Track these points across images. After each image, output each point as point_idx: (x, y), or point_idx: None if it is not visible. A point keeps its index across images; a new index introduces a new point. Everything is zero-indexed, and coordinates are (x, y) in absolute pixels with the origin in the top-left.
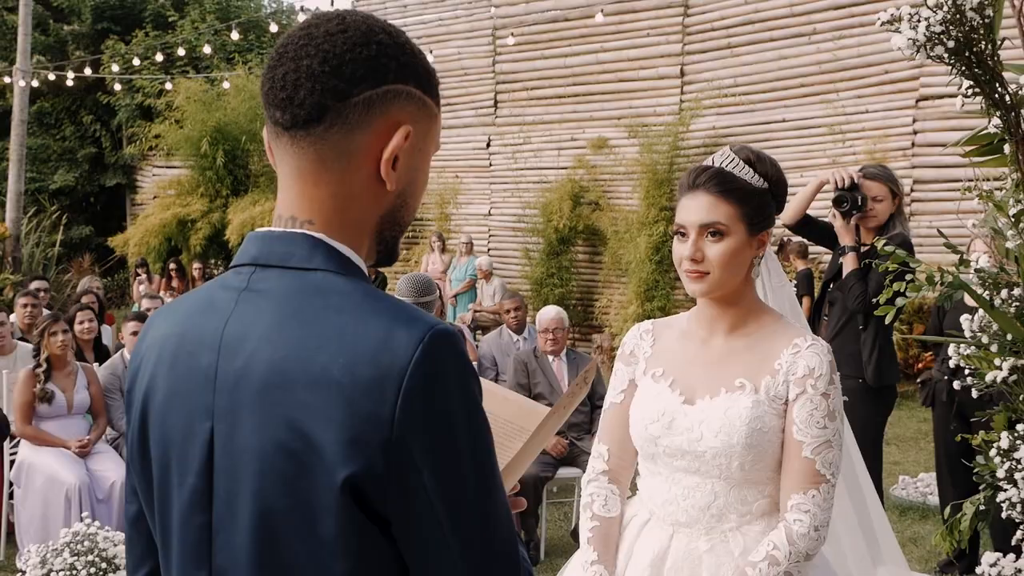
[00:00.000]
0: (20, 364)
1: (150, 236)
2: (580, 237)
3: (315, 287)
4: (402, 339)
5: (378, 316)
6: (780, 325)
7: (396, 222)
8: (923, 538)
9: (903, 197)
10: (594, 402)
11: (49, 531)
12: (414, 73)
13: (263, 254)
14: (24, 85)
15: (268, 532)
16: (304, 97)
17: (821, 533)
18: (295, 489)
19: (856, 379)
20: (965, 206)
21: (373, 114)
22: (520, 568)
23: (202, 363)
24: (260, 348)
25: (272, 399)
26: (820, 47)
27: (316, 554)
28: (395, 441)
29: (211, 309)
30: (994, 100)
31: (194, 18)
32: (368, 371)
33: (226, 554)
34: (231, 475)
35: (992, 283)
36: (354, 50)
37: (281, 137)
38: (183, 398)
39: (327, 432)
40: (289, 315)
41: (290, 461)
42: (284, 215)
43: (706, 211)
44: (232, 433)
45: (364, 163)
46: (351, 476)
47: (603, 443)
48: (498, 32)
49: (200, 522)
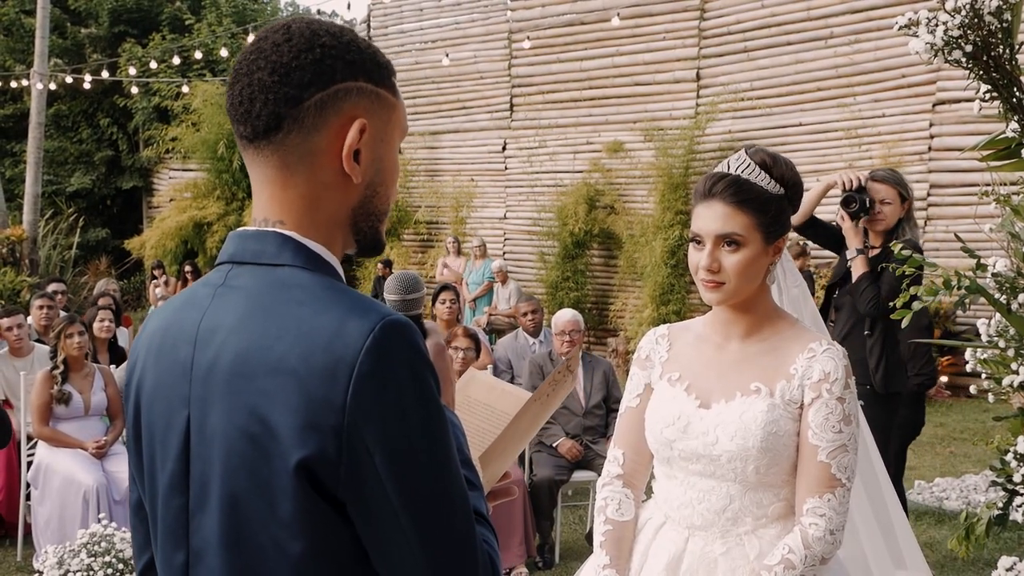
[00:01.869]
0: (37, 366)
1: (166, 239)
2: (595, 241)
3: (281, 281)
4: (354, 328)
5: (334, 307)
6: (796, 330)
7: (371, 212)
8: (939, 543)
9: (912, 201)
10: (609, 406)
11: (66, 532)
12: (363, 69)
13: (238, 252)
14: (41, 88)
15: (234, 514)
16: (260, 109)
17: (836, 537)
18: (256, 472)
19: (864, 386)
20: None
21: (327, 114)
22: (477, 550)
23: (181, 355)
24: (228, 339)
25: (236, 387)
26: (837, 51)
27: (276, 535)
28: (347, 426)
29: (192, 304)
30: (1012, 104)
31: (211, 21)
32: (322, 359)
33: (200, 536)
34: (204, 460)
35: (1009, 287)
36: (299, 56)
37: (247, 149)
38: (165, 389)
39: (283, 417)
40: (255, 308)
41: (251, 445)
42: (258, 218)
43: (722, 221)
44: (204, 420)
45: (327, 162)
46: (304, 459)
47: (618, 447)
48: (514, 36)
49: (178, 505)
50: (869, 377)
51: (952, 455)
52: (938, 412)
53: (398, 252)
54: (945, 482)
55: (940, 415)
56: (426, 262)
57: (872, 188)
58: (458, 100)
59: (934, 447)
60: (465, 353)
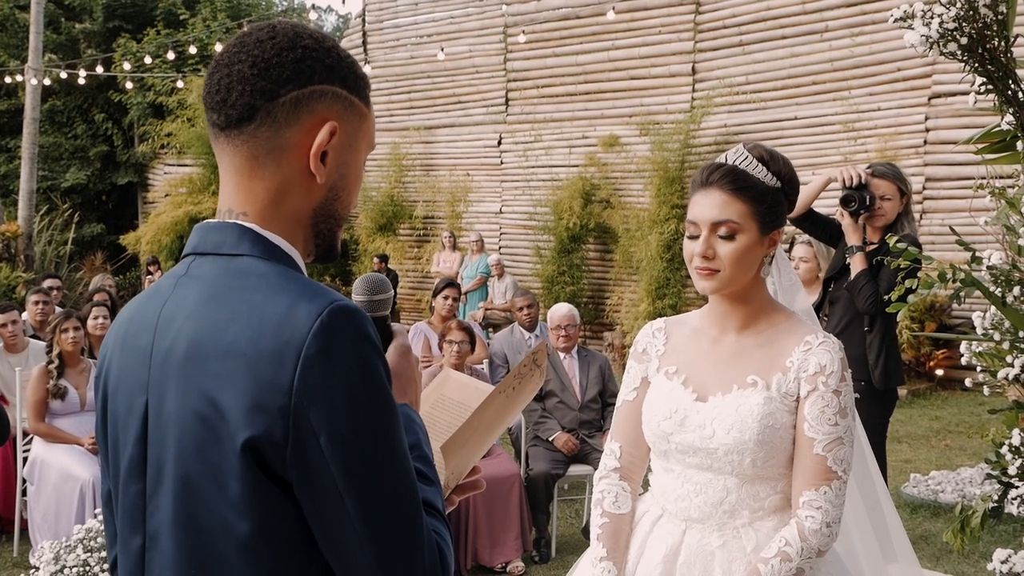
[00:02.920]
0: (32, 361)
1: (162, 234)
2: (591, 235)
3: (238, 270)
4: (303, 312)
5: (286, 292)
6: (792, 323)
7: (330, 215)
8: (935, 535)
9: (911, 196)
10: (605, 400)
11: (62, 527)
12: (340, 75)
13: (200, 243)
14: (36, 83)
15: (187, 496)
16: (236, 99)
17: (833, 529)
18: (207, 454)
19: (859, 381)
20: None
21: (300, 112)
22: (422, 538)
23: (141, 343)
24: (184, 326)
25: (190, 371)
26: (832, 44)
27: (224, 516)
28: (293, 408)
29: (155, 295)
30: (1007, 97)
31: (205, 16)
32: (271, 342)
33: (156, 519)
34: (160, 444)
35: (1004, 280)
36: (281, 54)
37: (219, 137)
38: (128, 376)
39: (232, 399)
40: (211, 296)
41: (203, 427)
42: (223, 208)
43: (718, 209)
44: (160, 405)
45: (294, 158)
46: (251, 439)
47: (615, 440)
48: (509, 30)
49: (136, 489)
50: (867, 372)
51: (948, 448)
52: (933, 405)
53: (394, 247)
54: (941, 475)
55: (935, 408)
56: (422, 257)
57: (872, 184)
58: (453, 95)
59: (929, 440)
60: (460, 347)
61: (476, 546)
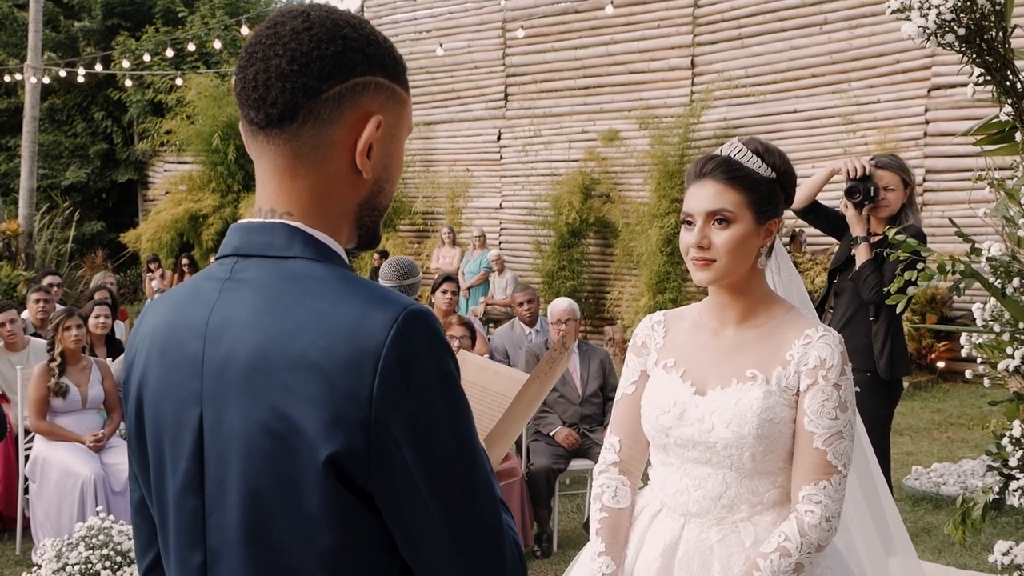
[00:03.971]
0: (33, 360)
1: (162, 232)
2: (591, 230)
3: (293, 274)
4: (377, 319)
5: (353, 298)
6: (791, 316)
7: (374, 207)
8: (936, 528)
9: (915, 187)
10: (606, 394)
11: (64, 525)
12: (381, 63)
13: (244, 245)
14: (35, 82)
15: (256, 511)
16: (276, 96)
17: (832, 524)
18: (280, 468)
19: (864, 372)
20: (977, 195)
21: (344, 107)
22: (504, 537)
23: (190, 351)
24: (242, 334)
25: (255, 383)
26: (832, 37)
27: (302, 529)
28: (374, 418)
29: (197, 299)
30: (1005, 88)
31: (204, 13)
32: (346, 352)
33: (218, 535)
34: (220, 458)
35: (1004, 271)
36: (320, 47)
37: (256, 136)
38: (174, 386)
39: (307, 412)
40: (269, 302)
41: (274, 442)
42: (264, 207)
43: (713, 198)
44: (219, 418)
45: (339, 155)
46: (333, 454)
47: (615, 434)
48: (508, 25)
49: (193, 505)
50: (872, 363)
51: (949, 440)
52: (935, 398)
53: (394, 243)
54: (942, 467)
55: (937, 401)
56: (422, 252)
57: (876, 175)
58: (453, 90)
59: (931, 432)
60: (460, 341)
61: None
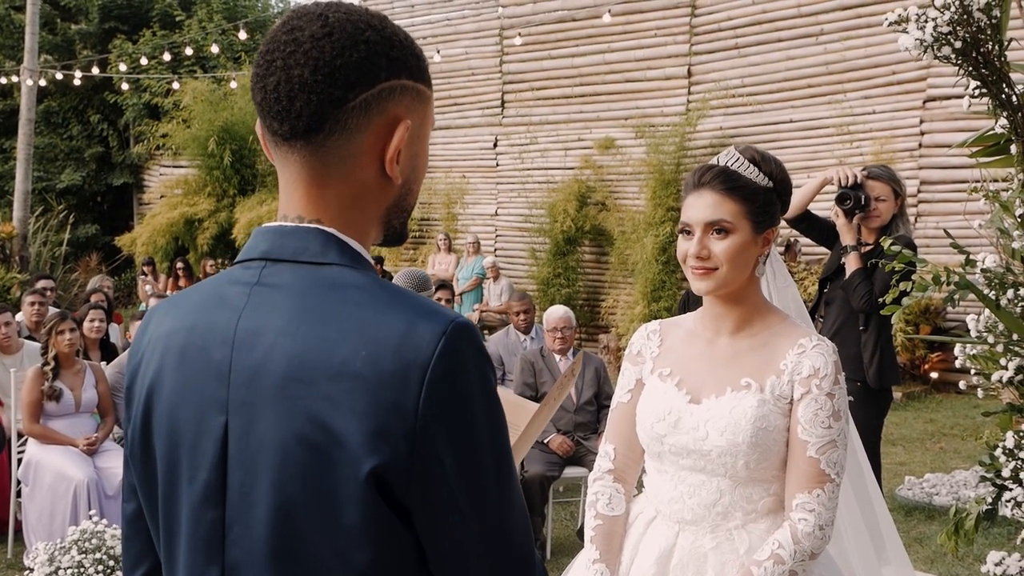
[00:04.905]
0: (27, 363)
1: (157, 235)
2: (587, 237)
3: (330, 281)
4: (424, 332)
5: (398, 309)
6: (786, 325)
7: (403, 208)
8: (929, 538)
9: (905, 198)
10: (600, 402)
11: (57, 529)
12: (405, 65)
13: (274, 249)
14: (31, 84)
15: (288, 524)
16: (301, 108)
17: (826, 532)
18: (316, 481)
19: (855, 382)
20: (972, 207)
21: (371, 115)
22: (534, 556)
23: (215, 357)
24: (278, 342)
25: (292, 392)
26: (828, 48)
27: (338, 545)
28: (419, 431)
29: (222, 304)
30: (1001, 100)
31: (201, 17)
32: (391, 363)
33: (240, 548)
34: (247, 469)
35: (998, 283)
36: (344, 54)
37: (280, 146)
38: (194, 393)
39: (351, 424)
40: (307, 309)
41: (312, 453)
42: (290, 215)
43: (711, 209)
44: (248, 427)
45: (368, 163)
46: (376, 467)
47: (610, 442)
48: (505, 32)
49: (213, 517)
50: (862, 373)
51: (942, 451)
52: (928, 408)
53: (390, 249)
54: (935, 478)
55: (930, 411)
56: (417, 259)
57: (867, 185)
58: (449, 96)
59: (924, 443)
60: None
61: None
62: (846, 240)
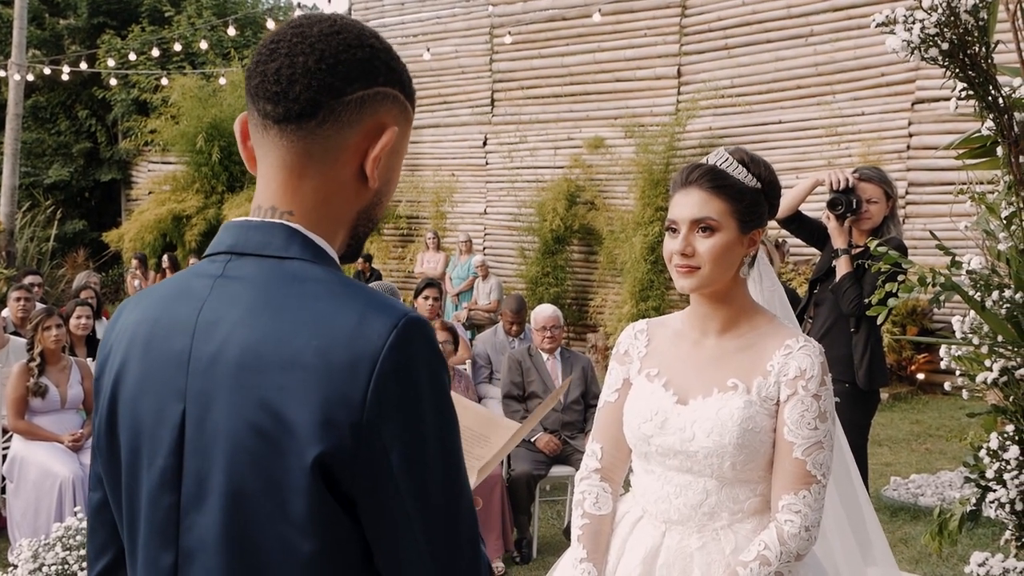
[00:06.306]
0: (13, 358)
1: (145, 231)
2: (575, 236)
3: (291, 274)
4: (376, 325)
5: (353, 302)
6: (773, 326)
7: (370, 218)
8: (914, 539)
9: (896, 200)
10: (588, 402)
11: (41, 525)
12: (399, 79)
13: (239, 243)
14: (19, 79)
15: (238, 512)
16: (300, 92)
17: (812, 533)
18: (266, 468)
19: (843, 383)
20: (958, 209)
21: (364, 114)
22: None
23: (175, 347)
24: (235, 332)
25: (246, 381)
26: (817, 49)
27: (284, 534)
28: (365, 423)
29: (186, 295)
30: (987, 102)
31: (190, 13)
32: (342, 355)
33: (194, 534)
34: (202, 455)
35: (984, 284)
36: (349, 51)
37: (270, 130)
38: (156, 382)
39: (300, 412)
40: (265, 301)
41: (262, 441)
42: (264, 205)
43: (698, 207)
44: (204, 415)
45: (350, 160)
46: (321, 455)
47: (597, 441)
48: (495, 31)
49: (168, 503)
50: (851, 374)
51: (928, 452)
52: (914, 409)
53: (378, 247)
54: (921, 478)
55: (916, 412)
56: (405, 256)
57: (859, 187)
58: (439, 95)
59: (910, 444)
60: (443, 346)
61: None
62: (837, 243)
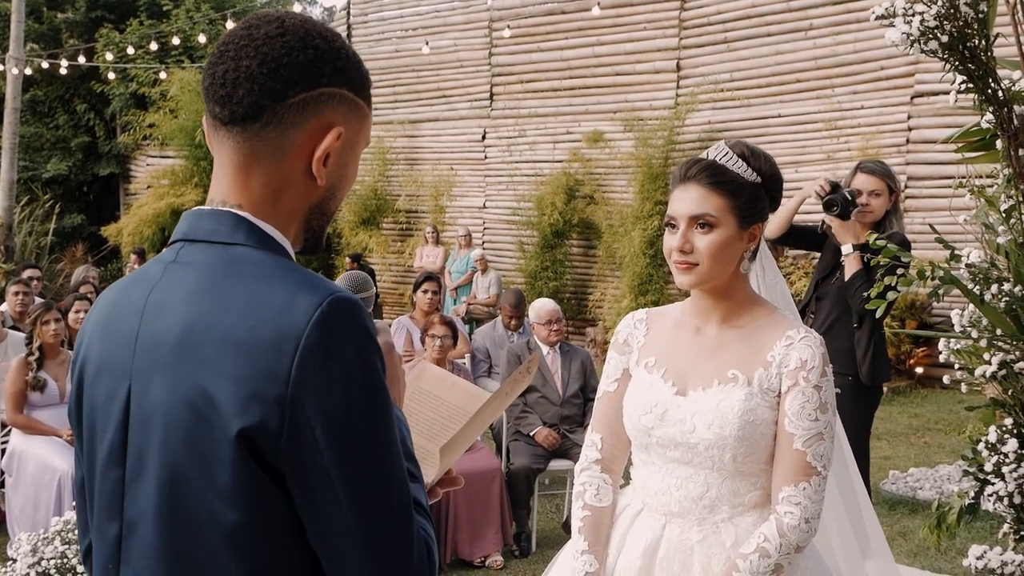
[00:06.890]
0: (11, 352)
1: (144, 226)
2: (575, 231)
3: (233, 259)
4: (303, 302)
5: (285, 282)
6: (774, 317)
7: (324, 212)
8: (912, 532)
9: (899, 193)
10: (587, 395)
11: (40, 519)
12: (347, 77)
13: (191, 230)
14: (17, 73)
15: (172, 484)
16: (243, 96)
17: (812, 525)
18: (196, 442)
19: (846, 376)
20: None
21: (307, 115)
22: (412, 529)
23: (126, 328)
24: (176, 312)
25: (181, 358)
26: (816, 42)
27: (212, 505)
28: (290, 397)
29: (141, 280)
30: (987, 95)
31: (189, 7)
32: (269, 332)
33: (135, 507)
34: (143, 431)
35: (983, 278)
36: (291, 54)
37: (219, 130)
38: (110, 362)
39: (227, 388)
40: (207, 283)
41: (193, 415)
42: (215, 199)
43: (696, 203)
44: (145, 392)
45: (296, 159)
46: (245, 428)
47: (596, 432)
48: (494, 24)
49: (115, 476)
50: (853, 367)
51: (926, 445)
52: (913, 403)
53: (377, 240)
54: (919, 472)
55: (915, 406)
56: (404, 251)
57: (861, 180)
58: (438, 88)
59: (908, 437)
60: (442, 341)
61: (456, 540)
62: (846, 242)
